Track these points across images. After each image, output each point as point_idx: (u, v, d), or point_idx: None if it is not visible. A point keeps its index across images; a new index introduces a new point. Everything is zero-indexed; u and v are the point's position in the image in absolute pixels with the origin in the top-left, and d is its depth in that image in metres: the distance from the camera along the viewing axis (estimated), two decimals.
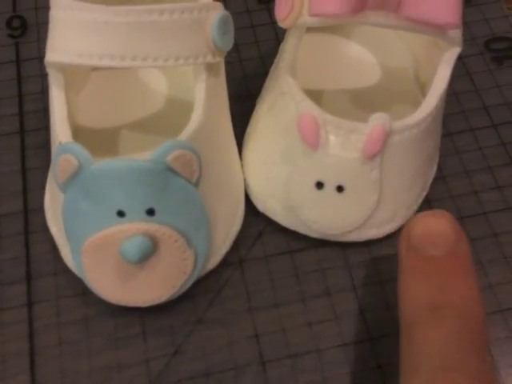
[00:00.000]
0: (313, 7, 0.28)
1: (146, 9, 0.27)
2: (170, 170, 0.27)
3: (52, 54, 0.28)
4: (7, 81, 0.36)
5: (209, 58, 0.29)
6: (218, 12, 0.29)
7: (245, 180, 0.32)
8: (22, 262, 0.31)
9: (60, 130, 0.28)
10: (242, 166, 0.33)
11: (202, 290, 0.30)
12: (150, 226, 0.27)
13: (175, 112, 0.34)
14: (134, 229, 0.27)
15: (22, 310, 0.30)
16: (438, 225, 0.24)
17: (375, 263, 0.31)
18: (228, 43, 0.30)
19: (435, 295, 0.23)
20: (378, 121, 0.28)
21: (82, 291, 0.30)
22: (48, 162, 0.33)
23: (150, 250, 0.27)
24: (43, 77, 0.36)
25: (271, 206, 0.31)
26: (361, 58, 0.37)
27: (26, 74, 0.37)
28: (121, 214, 0.27)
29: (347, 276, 0.31)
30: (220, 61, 0.31)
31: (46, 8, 0.38)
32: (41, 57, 0.37)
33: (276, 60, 0.34)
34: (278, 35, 0.38)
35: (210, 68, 0.30)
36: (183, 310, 0.30)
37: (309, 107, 0.29)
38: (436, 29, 0.28)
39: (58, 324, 0.29)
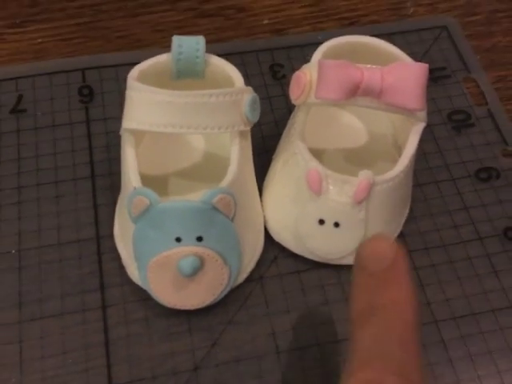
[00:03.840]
0: (319, 93, 0.38)
1: (199, 93, 0.38)
2: (215, 208, 0.37)
3: (129, 123, 0.39)
4: (80, 137, 0.46)
5: (242, 127, 0.40)
6: (250, 94, 0.40)
7: (264, 216, 0.42)
8: (97, 275, 0.41)
9: (133, 178, 0.38)
10: (262, 205, 0.43)
11: (233, 298, 0.40)
12: (199, 249, 0.37)
13: (212, 164, 0.44)
14: (188, 251, 0.37)
15: (98, 311, 0.39)
16: (378, 246, 0.27)
17: None
18: (256, 116, 0.40)
19: (371, 301, 0.26)
20: (364, 176, 0.38)
21: (143, 298, 0.39)
22: (113, 200, 0.43)
23: (199, 267, 0.37)
24: (107, 134, 0.47)
25: (284, 236, 0.42)
26: (352, 124, 0.47)
27: (94, 131, 0.47)
28: (178, 240, 0.37)
29: (340, 290, 0.41)
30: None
31: (108, 80, 0.49)
32: (105, 118, 0.47)
33: (288, 126, 0.45)
34: (289, 104, 0.49)
35: (241, 134, 0.40)
36: (218, 313, 0.39)
37: (315, 164, 0.39)
38: (407, 111, 0.39)
39: (126, 322, 0.39)
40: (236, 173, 0.39)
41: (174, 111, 0.38)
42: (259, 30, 0.54)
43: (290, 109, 0.48)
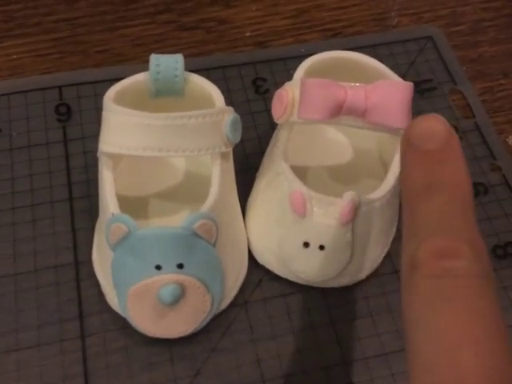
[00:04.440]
0: (302, 113, 0.37)
1: (178, 115, 0.36)
2: (196, 234, 0.36)
3: (106, 146, 0.37)
4: (57, 157, 0.45)
5: (223, 149, 0.38)
6: (231, 115, 0.39)
7: (247, 239, 0.41)
8: (76, 303, 0.39)
9: (111, 203, 0.37)
10: (245, 226, 0.42)
11: (216, 325, 0.39)
12: (180, 276, 0.36)
13: (192, 183, 0.43)
14: (168, 279, 0.35)
15: (77, 341, 0.38)
16: (433, 124, 0.26)
17: (349, 304, 0.40)
18: (237, 137, 0.39)
19: (429, 176, 0.25)
20: (349, 197, 0.37)
21: (123, 326, 0.38)
22: (92, 223, 0.42)
23: (180, 295, 0.36)
24: (85, 154, 0.45)
25: (268, 259, 0.40)
26: (336, 140, 0.46)
27: (72, 151, 0.45)
28: (158, 267, 0.36)
29: (327, 314, 0.40)
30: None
31: (86, 97, 0.48)
32: (83, 137, 0.46)
33: (271, 144, 0.44)
34: (272, 120, 0.47)
35: (222, 155, 0.39)
36: (201, 341, 0.38)
37: (298, 185, 0.38)
38: (392, 130, 0.38)
39: (105, 352, 0.38)
40: (217, 196, 0.38)
41: (153, 134, 0.36)
42: (241, 42, 0.53)
43: (273, 125, 0.47)
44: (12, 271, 0.40)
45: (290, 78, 0.50)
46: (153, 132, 0.36)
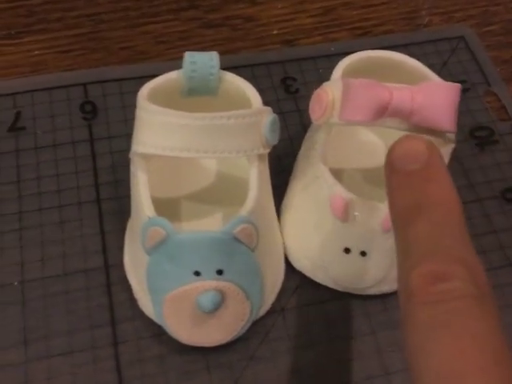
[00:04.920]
0: (344, 115, 0.36)
1: (217, 115, 0.35)
2: (236, 239, 0.34)
3: (141, 147, 0.36)
4: (84, 156, 0.43)
5: (261, 150, 0.37)
6: (269, 115, 0.37)
7: (283, 243, 0.40)
8: (107, 308, 0.38)
9: (146, 206, 0.35)
10: (281, 231, 0.40)
11: (253, 332, 0.37)
12: (220, 283, 0.34)
13: (225, 185, 0.42)
14: (208, 285, 0.34)
15: (109, 348, 0.37)
16: (413, 144, 0.27)
17: (388, 312, 0.39)
18: (276, 138, 0.38)
19: (417, 198, 0.25)
20: None
21: (157, 333, 0.37)
22: (121, 225, 0.40)
23: (220, 302, 0.34)
24: (112, 154, 0.44)
25: (306, 264, 0.39)
26: (371, 142, 0.45)
27: (99, 151, 0.44)
28: (197, 273, 0.34)
29: (367, 322, 0.39)
30: None
31: (112, 95, 0.46)
32: (110, 137, 0.45)
33: (305, 145, 0.42)
34: (303, 120, 0.47)
35: (260, 157, 0.38)
36: (238, 349, 0.37)
37: (339, 190, 0.37)
38: (437, 133, 0.37)
39: (140, 360, 0.36)
40: (256, 199, 0.36)
41: (190, 135, 0.35)
42: (268, 40, 0.51)
43: (304, 125, 0.46)
44: (40, 275, 0.39)
45: (320, 77, 0.49)
46: (190, 132, 0.35)
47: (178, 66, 0.46)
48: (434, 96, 0.35)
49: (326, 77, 0.49)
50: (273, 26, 0.52)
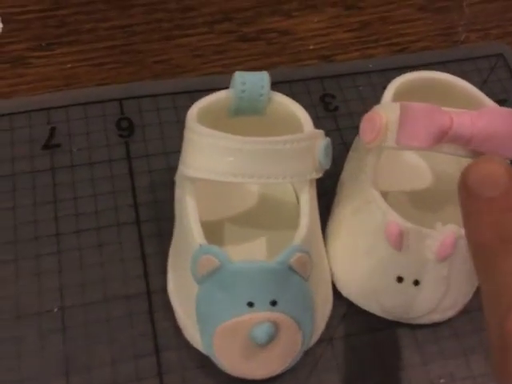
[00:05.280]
0: (401, 140, 0.35)
1: (272, 140, 0.34)
2: (291, 269, 0.33)
3: (192, 171, 0.35)
4: (121, 175, 0.42)
5: (313, 175, 0.36)
6: (323, 139, 0.36)
7: (330, 268, 0.39)
8: (150, 337, 0.37)
9: (196, 233, 0.34)
10: (327, 256, 0.39)
11: (302, 363, 0.36)
12: (274, 314, 0.33)
13: (272, 209, 0.40)
14: (262, 317, 0.33)
15: (155, 379, 0.35)
16: (491, 167, 0.24)
17: (440, 342, 0.38)
18: (329, 162, 0.37)
19: (501, 231, 0.23)
20: (449, 230, 0.35)
21: (203, 364, 0.36)
22: (162, 249, 0.39)
23: (275, 335, 0.33)
24: (151, 172, 0.43)
25: (354, 291, 0.38)
26: (415, 164, 0.44)
27: (137, 170, 0.42)
28: (250, 304, 0.33)
29: (418, 353, 0.37)
30: None
31: (148, 111, 0.45)
32: (148, 155, 0.43)
33: (351, 166, 0.41)
34: (344, 139, 0.46)
35: (311, 182, 0.37)
36: (287, 380, 0.36)
37: (394, 216, 0.36)
38: None
39: None
40: (308, 226, 0.35)
41: (244, 159, 0.34)
42: (305, 55, 0.50)
43: (346, 144, 0.45)
44: (81, 301, 0.37)
45: (359, 95, 0.48)
46: (244, 157, 0.34)
47: (216, 81, 0.45)
48: (495, 122, 0.34)
49: (365, 94, 0.48)
50: (309, 41, 0.51)
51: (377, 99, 0.41)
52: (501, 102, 0.48)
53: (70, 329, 0.36)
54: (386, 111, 0.37)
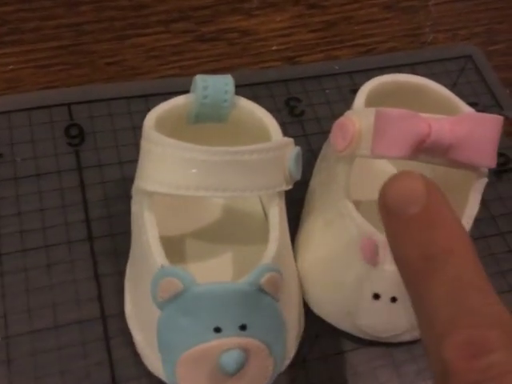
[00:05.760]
0: (377, 149, 0.33)
1: (239, 150, 0.31)
2: (261, 290, 0.30)
3: (151, 184, 0.31)
4: (71, 188, 0.39)
5: (284, 187, 0.33)
6: (293, 148, 0.34)
7: (301, 285, 0.36)
8: (106, 366, 0.33)
9: (156, 252, 0.31)
10: (298, 272, 0.37)
11: None
12: (243, 339, 0.30)
13: (236, 223, 0.38)
14: (230, 343, 0.30)
15: None
16: (408, 183, 0.23)
17: (417, 360, 0.36)
18: (299, 173, 0.34)
19: (423, 249, 0.22)
20: None
21: None
22: (117, 268, 0.36)
23: (244, 362, 0.30)
24: (104, 184, 0.39)
25: (327, 310, 0.36)
26: (387, 172, 0.42)
27: (88, 181, 0.39)
28: (217, 329, 0.30)
29: (395, 373, 0.35)
30: None
31: (100, 117, 0.42)
32: (100, 165, 0.40)
33: (322, 176, 0.39)
34: (311, 146, 0.43)
35: (280, 194, 0.34)
36: None
37: (370, 230, 0.33)
38: (473, 167, 0.34)
39: None
40: (279, 242, 0.32)
41: (208, 172, 0.31)
42: (268, 57, 0.48)
43: (314, 151, 0.42)
44: (27, 328, 0.34)
45: (326, 98, 0.46)
46: (208, 169, 0.31)
47: (173, 84, 0.43)
48: (475, 129, 0.32)
49: (332, 98, 0.46)
50: (272, 41, 0.49)
51: (345, 103, 0.39)
52: (471, 106, 0.46)
53: (16, 360, 0.33)
54: (359, 117, 0.34)
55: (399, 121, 0.32)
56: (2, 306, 0.34)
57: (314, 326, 0.36)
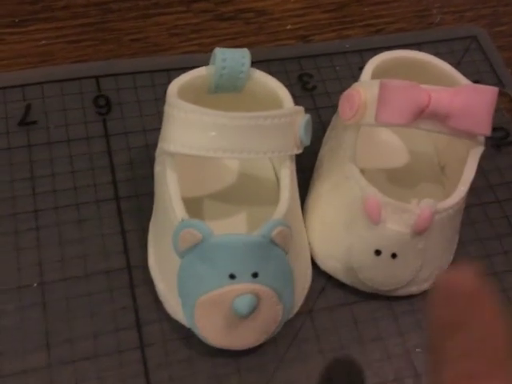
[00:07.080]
0: (381, 117, 0.36)
1: (254, 115, 0.34)
2: (272, 242, 0.34)
3: (173, 146, 0.35)
4: (99, 153, 0.42)
5: (294, 151, 0.36)
6: (303, 115, 0.37)
7: (309, 243, 0.40)
8: (131, 311, 0.37)
9: (177, 207, 0.34)
10: (306, 230, 0.40)
11: (282, 335, 0.36)
12: (255, 286, 0.34)
13: (250, 185, 0.41)
14: (244, 289, 0.33)
15: (136, 351, 0.36)
16: (459, 278, 0.24)
17: (416, 313, 0.39)
18: (309, 139, 0.37)
19: (455, 317, 0.23)
20: (426, 205, 0.36)
21: (184, 336, 0.36)
22: (141, 225, 0.39)
23: (256, 306, 0.34)
24: (130, 150, 0.43)
25: (333, 265, 0.39)
26: (391, 142, 0.45)
27: (115, 147, 0.42)
28: (232, 276, 0.33)
29: (394, 323, 0.38)
30: None
31: (126, 89, 0.45)
32: (126, 132, 0.43)
33: (329, 144, 0.42)
34: (322, 118, 0.46)
35: (291, 157, 0.37)
36: (268, 351, 0.36)
37: (372, 191, 0.36)
38: (470, 135, 0.37)
39: (167, 363, 0.35)
40: (289, 201, 0.36)
41: (226, 135, 0.34)
42: (283, 35, 0.51)
43: (323, 123, 0.45)
44: (61, 276, 0.37)
45: (336, 75, 0.49)
46: (226, 132, 0.34)
47: (193, 60, 0.45)
48: (472, 99, 0.35)
49: (342, 74, 0.49)
50: (286, 21, 0.51)
51: (354, 79, 0.42)
52: (474, 83, 0.49)
53: (51, 303, 0.36)
54: (365, 89, 0.37)
55: (401, 91, 0.35)
56: (38, 256, 0.38)
57: (320, 280, 0.39)
